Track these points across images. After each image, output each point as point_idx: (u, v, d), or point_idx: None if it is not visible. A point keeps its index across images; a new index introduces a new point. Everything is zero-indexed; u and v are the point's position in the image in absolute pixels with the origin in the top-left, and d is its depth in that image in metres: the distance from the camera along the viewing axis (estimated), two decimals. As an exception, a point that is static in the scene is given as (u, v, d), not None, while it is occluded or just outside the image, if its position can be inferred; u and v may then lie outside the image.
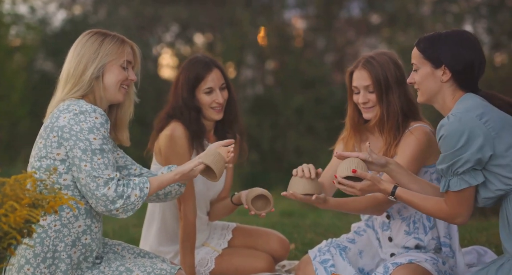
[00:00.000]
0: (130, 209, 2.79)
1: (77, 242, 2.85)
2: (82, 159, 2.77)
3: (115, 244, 3.08)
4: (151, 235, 3.52)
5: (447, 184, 2.67)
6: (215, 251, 3.47)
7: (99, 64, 2.88)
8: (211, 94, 3.38)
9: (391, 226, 3.26)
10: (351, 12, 13.06)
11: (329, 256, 3.23)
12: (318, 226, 4.62)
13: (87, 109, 2.80)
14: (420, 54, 2.77)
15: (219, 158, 2.87)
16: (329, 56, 12.93)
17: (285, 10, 13.08)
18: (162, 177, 2.89)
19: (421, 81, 2.78)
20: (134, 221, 4.87)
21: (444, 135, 2.64)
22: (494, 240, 4.03)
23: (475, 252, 3.34)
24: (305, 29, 13.17)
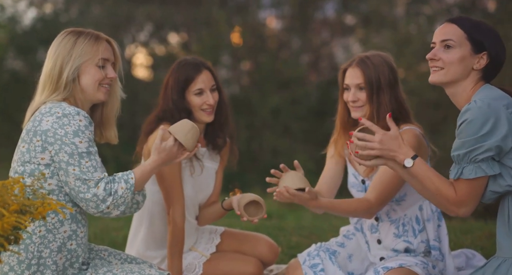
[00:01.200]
0: (121, 203, 2.74)
1: (62, 247, 2.79)
2: (69, 163, 2.72)
3: (101, 249, 3.02)
4: (138, 239, 3.47)
5: (460, 171, 2.57)
6: (203, 256, 3.43)
7: (73, 66, 2.82)
8: (201, 96, 3.34)
9: (380, 228, 3.25)
10: (326, 13, 13.10)
11: (319, 260, 3.21)
12: (303, 228, 4.60)
13: (70, 112, 2.74)
14: (464, 33, 2.65)
15: (187, 129, 2.82)
16: (305, 56, 12.94)
17: (261, 10, 13.07)
18: (143, 163, 2.85)
19: (451, 61, 2.64)
20: (115, 224, 4.81)
21: (468, 120, 2.54)
22: (479, 243, 4.05)
23: (464, 255, 3.34)
24: (281, 29, 13.18)
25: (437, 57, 2.67)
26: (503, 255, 2.61)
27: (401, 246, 3.20)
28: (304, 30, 12.79)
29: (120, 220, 4.93)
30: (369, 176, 3.26)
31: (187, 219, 3.42)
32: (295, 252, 4.00)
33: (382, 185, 3.13)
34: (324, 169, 3.39)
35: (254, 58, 12.39)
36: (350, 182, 3.33)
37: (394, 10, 12.80)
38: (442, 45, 2.67)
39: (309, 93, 12.11)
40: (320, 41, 13.11)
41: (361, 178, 3.30)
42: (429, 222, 3.21)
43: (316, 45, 13.00)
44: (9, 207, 2.28)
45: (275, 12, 13.18)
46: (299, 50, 12.79)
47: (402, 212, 3.22)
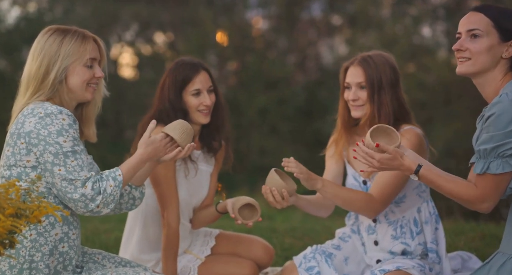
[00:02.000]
0: (110, 201, 2.69)
1: (54, 250, 2.74)
2: (54, 164, 2.67)
3: (95, 252, 2.98)
4: (132, 242, 3.43)
5: (487, 166, 2.52)
6: (197, 259, 3.39)
7: (61, 67, 2.75)
8: (198, 97, 3.30)
9: (377, 230, 3.23)
10: (312, 13, 13.11)
11: (315, 263, 3.18)
12: (295, 230, 4.58)
13: (52, 112, 2.69)
14: (490, 21, 2.58)
15: (183, 128, 2.78)
16: (291, 57, 12.95)
17: (247, 10, 13.06)
18: (130, 158, 2.79)
19: (478, 50, 2.57)
20: (105, 227, 4.76)
21: (498, 113, 2.47)
22: (472, 244, 4.05)
23: (460, 257, 3.33)
24: (267, 29, 13.17)
25: (463, 48, 2.60)
26: (509, 252, 2.57)
27: (398, 248, 3.18)
28: (290, 30, 12.80)
29: (111, 222, 4.89)
30: (370, 177, 3.24)
31: (181, 222, 3.38)
32: (289, 254, 3.99)
33: (384, 183, 3.10)
34: (326, 169, 3.36)
35: (241, 58, 12.38)
36: (349, 183, 3.31)
37: (380, 10, 12.84)
38: (468, 35, 2.60)
39: (296, 93, 12.11)
40: (307, 41, 13.11)
41: (362, 179, 3.27)
42: (427, 224, 3.20)
43: (302, 45, 13.01)
44: (5, 211, 2.25)
45: (262, 12, 13.18)
46: (286, 50, 12.80)
47: (400, 213, 3.21)
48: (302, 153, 10.96)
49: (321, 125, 11.61)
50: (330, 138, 3.40)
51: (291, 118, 11.66)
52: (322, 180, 3.06)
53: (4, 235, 2.25)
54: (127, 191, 2.86)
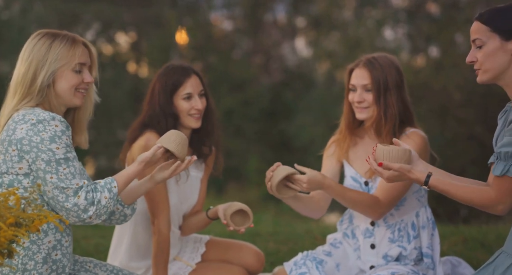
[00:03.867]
0: (103, 213, 2.65)
1: (47, 258, 2.68)
2: (46, 171, 2.61)
3: (86, 261, 2.92)
4: (122, 250, 3.37)
5: (507, 168, 2.49)
6: (188, 266, 3.35)
7: (48, 71, 2.69)
8: (189, 101, 3.27)
9: (375, 233, 3.22)
10: (277, 15, 13.15)
11: (305, 269, 3.16)
12: (278, 234, 4.57)
13: (45, 118, 2.63)
14: (486, 27, 2.56)
15: (179, 139, 2.74)
16: (256, 58, 12.95)
17: (212, 10, 13.02)
18: (127, 171, 2.74)
19: (486, 58, 2.56)
20: (84, 233, 4.68)
21: None
22: (455, 248, 4.10)
23: (450, 263, 3.35)
24: (232, 30, 13.15)
25: (475, 59, 2.61)
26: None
27: (394, 252, 3.19)
28: (255, 31, 12.80)
29: (89, 228, 4.81)
30: (373, 177, 3.23)
31: (171, 229, 3.35)
32: (274, 259, 3.98)
33: (390, 185, 3.09)
34: (323, 168, 3.33)
35: (205, 59, 12.33)
36: (347, 185, 3.30)
37: (343, 13, 12.94)
38: (474, 46, 2.61)
39: (260, 94, 12.13)
40: (271, 42, 13.14)
41: (364, 179, 3.26)
42: (424, 229, 3.22)
43: (267, 46, 13.03)
44: (6, 220, 2.19)
45: (226, 13, 13.16)
46: (250, 52, 12.80)
47: (399, 217, 3.22)
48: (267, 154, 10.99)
49: (286, 126, 11.67)
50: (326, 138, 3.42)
51: (256, 119, 11.67)
52: (326, 183, 3.04)
53: (4, 244, 2.19)
54: (119, 209, 2.82)
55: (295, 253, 4.22)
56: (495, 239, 4.23)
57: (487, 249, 4.12)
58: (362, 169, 3.27)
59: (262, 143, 11.21)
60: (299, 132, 11.68)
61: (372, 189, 3.24)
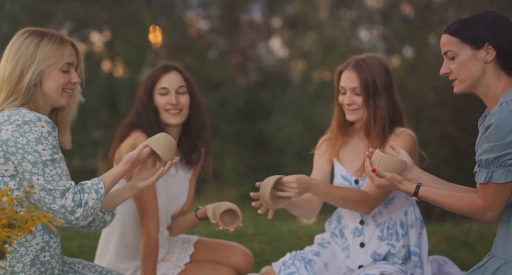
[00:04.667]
0: (90, 214, 2.63)
1: (35, 260, 2.64)
2: (33, 173, 2.57)
3: (75, 262, 2.89)
4: (110, 250, 3.34)
5: (490, 175, 2.52)
6: (177, 267, 3.34)
7: (36, 70, 2.65)
8: (165, 96, 3.27)
9: (364, 232, 3.24)
10: (253, 15, 13.15)
11: (294, 269, 3.16)
12: (262, 234, 4.57)
13: (31, 119, 2.59)
14: (456, 38, 2.60)
15: (167, 143, 2.73)
16: (232, 58, 12.94)
17: (187, 10, 12.97)
18: (113, 171, 2.72)
19: (460, 68, 2.60)
20: (66, 234, 4.62)
21: (497, 123, 2.46)
22: (439, 247, 4.13)
23: (436, 262, 3.38)
24: (208, 30, 13.12)
25: (449, 70, 2.65)
26: (504, 257, 2.60)
27: (383, 250, 3.21)
28: (231, 31, 12.79)
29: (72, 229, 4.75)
30: (363, 175, 3.25)
31: (160, 229, 3.33)
32: (260, 259, 3.98)
33: None
34: (315, 167, 3.36)
35: (181, 58, 12.28)
36: (337, 183, 3.31)
37: (318, 13, 13.00)
38: (447, 58, 2.66)
39: (237, 94, 12.12)
40: (247, 42, 13.14)
41: (354, 178, 3.29)
42: (412, 228, 3.24)
43: (243, 46, 13.03)
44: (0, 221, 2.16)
45: (202, 13, 13.12)
46: (226, 52, 12.78)
47: (388, 215, 3.24)
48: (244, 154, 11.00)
49: (263, 126, 11.67)
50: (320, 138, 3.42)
51: (233, 119, 11.66)
52: (313, 183, 3.06)
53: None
54: (99, 216, 2.79)
55: (280, 253, 4.23)
56: (477, 238, 4.28)
57: (469, 248, 4.17)
58: (353, 168, 3.30)
59: (239, 143, 11.21)
60: (275, 133, 11.71)
61: (362, 187, 3.26)
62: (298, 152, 11.74)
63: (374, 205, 3.16)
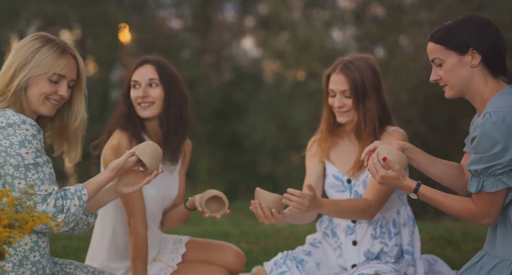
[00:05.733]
0: (71, 221, 2.61)
1: (24, 260, 2.62)
2: (15, 176, 2.55)
3: (66, 263, 2.87)
4: (102, 250, 3.30)
5: (481, 185, 2.57)
6: (169, 267, 3.31)
7: (26, 75, 2.64)
8: (137, 89, 3.25)
9: (357, 230, 3.26)
10: (226, 15, 13.11)
11: (286, 268, 3.16)
12: (247, 234, 4.55)
13: (15, 121, 2.57)
14: (441, 46, 2.65)
15: (153, 153, 2.74)
16: (205, 57, 12.88)
17: (160, 9, 12.88)
18: (97, 178, 2.71)
19: (448, 74, 2.65)
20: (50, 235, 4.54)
21: (479, 137, 2.52)
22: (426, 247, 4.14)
23: (426, 261, 3.41)
24: (180, 29, 13.03)
25: (438, 77, 2.69)
26: (499, 255, 2.64)
27: (376, 248, 3.22)
28: (204, 30, 12.73)
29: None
30: (356, 175, 3.27)
31: (150, 228, 3.30)
32: (248, 259, 3.95)
33: (379, 186, 3.13)
34: (308, 169, 3.36)
35: (154, 58, 12.15)
36: (329, 183, 3.33)
37: (292, 13, 13.01)
38: (435, 65, 2.70)
39: (211, 94, 12.07)
40: (220, 42, 13.09)
41: (346, 177, 3.30)
42: (405, 227, 3.27)
43: (216, 46, 12.97)
44: (1, 222, 2.11)
45: (175, 12, 13.04)
46: (200, 51, 12.72)
47: (381, 214, 3.26)
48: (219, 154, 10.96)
49: (238, 126, 11.65)
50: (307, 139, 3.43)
51: (207, 119, 11.61)
52: (320, 203, 3.05)
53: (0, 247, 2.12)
54: (83, 219, 2.78)
55: (268, 252, 4.23)
56: (461, 236, 4.33)
57: (455, 246, 4.21)
58: (344, 167, 3.31)
59: (213, 143, 11.17)
60: (250, 132, 11.70)
61: (354, 186, 3.28)
62: (272, 151, 11.75)
63: (376, 211, 3.18)
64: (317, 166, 3.35)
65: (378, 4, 13.14)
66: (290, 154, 11.92)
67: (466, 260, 3.96)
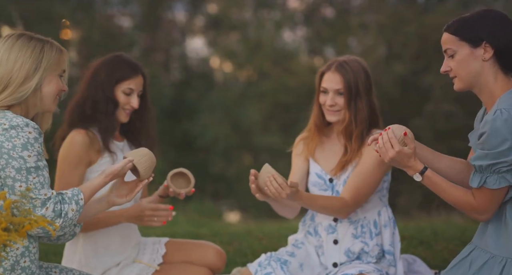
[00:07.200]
0: (68, 225, 2.58)
1: (15, 265, 2.56)
2: (16, 179, 2.51)
3: (51, 266, 2.82)
4: (78, 250, 3.27)
5: (484, 181, 2.58)
6: (150, 267, 3.27)
7: (42, 75, 2.64)
8: (128, 96, 3.30)
9: (338, 229, 3.28)
10: (176, 13, 13.00)
11: (271, 269, 3.17)
12: (220, 235, 4.51)
13: (18, 124, 2.55)
14: (455, 37, 2.66)
15: (149, 162, 2.76)
16: (155, 56, 12.74)
17: (108, 7, 12.66)
18: (93, 183, 2.70)
19: (459, 65, 2.66)
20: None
21: (488, 133, 2.53)
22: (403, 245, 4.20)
23: (405, 260, 3.45)
24: (129, 27, 12.85)
25: (448, 68, 2.71)
26: (489, 250, 2.66)
27: (357, 247, 3.25)
28: (153, 29, 12.59)
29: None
30: (338, 175, 3.29)
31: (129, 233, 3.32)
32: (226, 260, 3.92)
33: (358, 185, 3.18)
34: (294, 167, 3.38)
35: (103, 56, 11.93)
36: (312, 181, 3.34)
37: (243, 13, 13.01)
38: (447, 56, 2.72)
39: (161, 94, 11.94)
40: (170, 41, 12.98)
41: (328, 176, 3.32)
42: (386, 228, 3.30)
43: (166, 45, 12.85)
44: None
45: (123, 10, 12.84)
46: (149, 50, 12.56)
47: (362, 214, 3.29)
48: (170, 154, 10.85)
49: (189, 126, 11.57)
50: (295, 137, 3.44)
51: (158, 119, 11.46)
52: (299, 196, 3.09)
53: (-3, 251, 2.04)
54: (70, 229, 2.73)
55: (243, 253, 4.22)
56: (432, 235, 4.40)
57: (427, 246, 4.27)
58: (328, 167, 3.33)
59: (165, 143, 11.05)
60: (202, 132, 11.64)
61: (336, 185, 3.31)
62: (224, 151, 11.72)
63: (352, 210, 3.22)
64: (302, 164, 3.36)
65: (328, 6, 13.27)
66: (242, 154, 11.93)
67: (439, 259, 4.05)
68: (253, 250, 4.23)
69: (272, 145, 11.16)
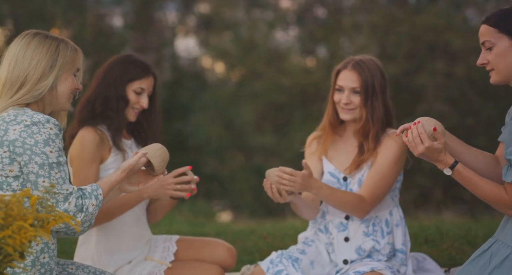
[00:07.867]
0: (88, 220, 2.61)
1: (36, 261, 2.59)
2: (39, 175, 2.55)
3: (67, 263, 2.84)
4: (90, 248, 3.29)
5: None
6: (163, 265, 3.28)
7: (58, 73, 2.67)
8: (139, 96, 3.33)
9: (349, 227, 3.30)
10: (168, 13, 12.98)
11: (282, 267, 3.19)
12: (223, 234, 4.52)
13: (40, 120, 2.58)
14: (494, 29, 2.63)
15: (163, 156, 2.78)
16: (147, 56, 12.71)
17: (101, 6, 12.62)
18: (110, 178, 2.73)
19: (498, 58, 2.63)
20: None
21: None
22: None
23: (415, 259, 3.48)
24: (122, 27, 12.82)
25: (485, 61, 2.68)
26: (509, 243, 2.64)
27: (368, 245, 3.27)
28: (146, 29, 12.56)
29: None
30: (352, 173, 3.30)
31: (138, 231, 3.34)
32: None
33: (375, 185, 3.20)
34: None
35: (95, 55, 11.92)
36: (325, 180, 3.35)
37: (235, 13, 13.01)
38: (484, 48, 2.69)
39: (155, 93, 11.93)
40: (162, 41, 12.95)
41: (342, 175, 3.33)
42: (398, 227, 3.33)
43: (158, 45, 12.83)
44: (26, 221, 2.04)
45: (115, 9, 12.81)
46: (141, 49, 12.53)
47: (374, 213, 3.30)
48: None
49: (182, 126, 11.56)
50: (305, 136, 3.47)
51: (151, 118, 11.44)
52: (316, 182, 3.11)
53: (24, 246, 2.05)
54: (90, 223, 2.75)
55: (249, 252, 4.23)
56: (436, 233, 4.42)
57: (432, 244, 4.29)
58: (342, 165, 3.35)
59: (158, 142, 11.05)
60: (194, 132, 11.63)
61: (350, 184, 3.33)
62: (217, 151, 11.72)
63: (369, 209, 3.23)
64: (316, 164, 3.38)
65: (320, 6, 13.31)
66: (235, 153, 11.93)
67: (445, 257, 4.07)
68: (259, 249, 4.24)
69: (265, 145, 11.17)
